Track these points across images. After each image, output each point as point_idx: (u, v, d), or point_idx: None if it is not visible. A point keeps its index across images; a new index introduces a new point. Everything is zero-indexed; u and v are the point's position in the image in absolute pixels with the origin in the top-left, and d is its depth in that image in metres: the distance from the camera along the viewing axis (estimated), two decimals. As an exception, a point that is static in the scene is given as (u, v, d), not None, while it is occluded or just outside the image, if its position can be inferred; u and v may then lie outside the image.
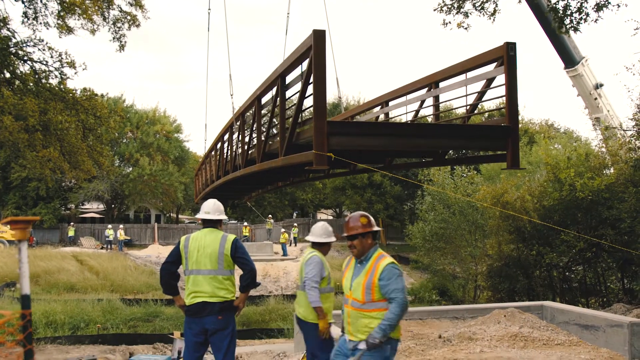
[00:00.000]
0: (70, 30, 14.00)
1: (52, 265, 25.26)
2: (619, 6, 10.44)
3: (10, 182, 38.57)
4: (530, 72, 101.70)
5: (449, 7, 11.84)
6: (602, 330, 7.32)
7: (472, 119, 10.02)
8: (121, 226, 37.33)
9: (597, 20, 10.48)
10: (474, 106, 8.84)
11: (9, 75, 14.17)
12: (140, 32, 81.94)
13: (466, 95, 8.55)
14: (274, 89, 8.51)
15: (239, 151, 11.58)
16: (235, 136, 12.37)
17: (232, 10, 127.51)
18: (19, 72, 14.30)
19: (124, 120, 38.71)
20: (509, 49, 7.26)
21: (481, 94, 8.31)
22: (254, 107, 9.87)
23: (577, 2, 10.58)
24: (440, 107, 9.83)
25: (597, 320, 7.49)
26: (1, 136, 14.16)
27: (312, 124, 6.82)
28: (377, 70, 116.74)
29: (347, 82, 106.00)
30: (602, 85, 22.39)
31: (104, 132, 17.21)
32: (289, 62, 7.56)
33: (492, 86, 8.02)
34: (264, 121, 9.84)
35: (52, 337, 14.52)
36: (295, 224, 39.51)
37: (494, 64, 7.68)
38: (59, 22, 13.80)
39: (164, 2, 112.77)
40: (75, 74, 14.45)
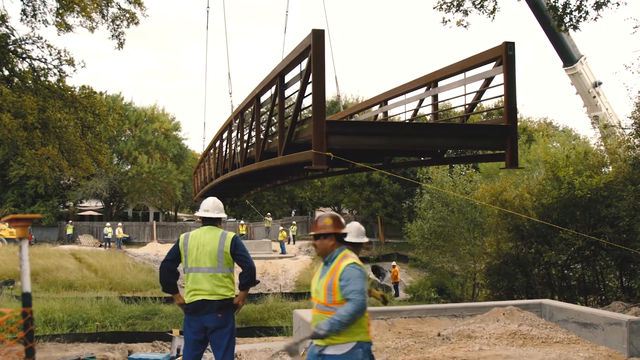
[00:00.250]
0: (69, 27, 13.98)
1: (50, 263, 25.23)
2: (618, 4, 10.46)
3: (8, 180, 38.51)
4: (529, 70, 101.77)
5: (449, 4, 11.83)
6: (600, 328, 7.33)
7: (470, 118, 10.04)
8: (120, 224, 37.29)
9: (596, 18, 10.49)
10: (472, 105, 8.86)
11: (7, 72, 14.18)
12: (139, 29, 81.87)
13: (465, 94, 8.57)
14: (273, 88, 8.50)
15: (238, 150, 11.58)
16: (234, 134, 12.37)
17: (230, 7, 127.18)
18: (17, 69, 14.31)
19: (123, 118, 38.74)
20: (508, 49, 7.27)
21: (480, 93, 8.33)
22: (252, 106, 9.86)
23: (577, 0, 10.59)
24: (439, 106, 9.84)
25: (595, 318, 7.50)
26: (0, 134, 14.15)
27: (311, 123, 6.83)
28: (376, 68, 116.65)
29: (346, 80, 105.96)
30: (600, 83, 22.45)
31: (102, 129, 17.20)
32: (288, 62, 7.56)
33: (490, 85, 8.03)
34: (263, 120, 9.84)
35: (51, 335, 14.53)
36: (293, 222, 39.54)
37: (493, 64, 7.69)
38: (58, 19, 13.78)
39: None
40: (74, 71, 14.49)
